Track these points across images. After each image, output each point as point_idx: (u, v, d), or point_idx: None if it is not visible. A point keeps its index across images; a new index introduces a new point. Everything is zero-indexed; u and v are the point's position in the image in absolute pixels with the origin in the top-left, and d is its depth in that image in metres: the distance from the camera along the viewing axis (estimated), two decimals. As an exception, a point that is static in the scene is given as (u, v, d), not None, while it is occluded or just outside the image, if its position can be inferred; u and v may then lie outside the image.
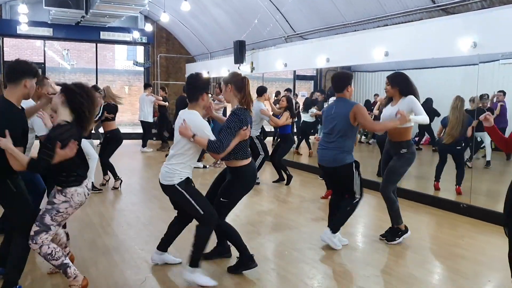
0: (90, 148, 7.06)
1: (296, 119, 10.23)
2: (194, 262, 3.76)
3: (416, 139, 11.42)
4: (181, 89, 12.56)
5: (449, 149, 7.16)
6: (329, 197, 6.40)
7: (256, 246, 4.80)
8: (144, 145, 12.66)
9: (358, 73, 14.79)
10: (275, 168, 8.45)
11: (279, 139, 8.86)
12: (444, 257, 4.65)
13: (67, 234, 4.21)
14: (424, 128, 10.82)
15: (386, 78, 4.94)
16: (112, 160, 7.68)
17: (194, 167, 3.99)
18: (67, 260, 3.49)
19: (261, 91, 8.04)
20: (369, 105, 11.73)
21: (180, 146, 3.76)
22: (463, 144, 7.22)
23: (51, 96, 3.90)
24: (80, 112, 3.40)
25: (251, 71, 12.36)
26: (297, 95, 13.71)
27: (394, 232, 4.95)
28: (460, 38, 6.37)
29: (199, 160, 9.58)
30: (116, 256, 4.48)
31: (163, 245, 4.21)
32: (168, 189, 3.80)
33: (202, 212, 3.73)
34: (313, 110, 11.07)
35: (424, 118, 4.68)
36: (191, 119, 3.72)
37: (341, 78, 4.71)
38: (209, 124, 4.40)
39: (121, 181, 7.69)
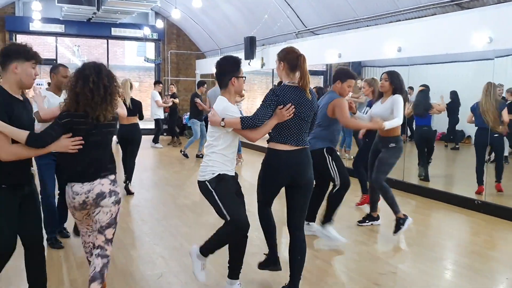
0: None
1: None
2: (204, 250, 3.43)
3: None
4: (191, 85, 12.58)
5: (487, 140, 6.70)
6: (365, 204, 6.28)
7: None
8: (156, 141, 12.75)
9: (368, 68, 14.71)
10: None
11: None
12: (460, 254, 4.64)
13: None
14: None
15: (385, 74, 5.07)
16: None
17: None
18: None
19: None
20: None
21: (209, 136, 3.43)
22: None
23: None
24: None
25: (261, 67, 12.36)
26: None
27: (396, 224, 4.96)
28: (475, 33, 6.31)
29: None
30: (132, 251, 4.52)
31: (233, 273, 3.57)
32: (200, 186, 3.40)
33: (228, 218, 3.28)
34: None
35: (396, 122, 4.86)
36: (216, 104, 3.39)
37: (336, 73, 4.93)
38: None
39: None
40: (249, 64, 12.43)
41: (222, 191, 3.31)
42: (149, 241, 4.82)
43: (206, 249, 3.42)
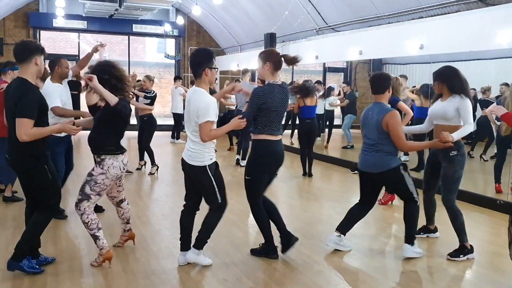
0: None
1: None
2: (200, 244, 3.92)
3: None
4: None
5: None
6: (389, 203, 6.33)
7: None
8: (177, 137, 12.85)
9: (389, 65, 14.59)
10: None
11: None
12: (481, 254, 4.57)
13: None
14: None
15: (432, 74, 4.55)
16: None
17: None
18: (99, 233, 3.86)
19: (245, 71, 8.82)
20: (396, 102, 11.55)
21: (196, 129, 3.71)
22: None
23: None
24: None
25: (282, 64, 12.33)
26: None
27: (459, 249, 4.40)
28: (499, 31, 6.20)
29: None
30: (152, 245, 4.58)
31: (185, 245, 4.04)
32: (197, 170, 3.76)
33: (219, 201, 3.84)
34: (331, 99, 11.49)
35: (467, 129, 4.25)
36: (197, 100, 3.67)
37: (380, 79, 4.37)
38: None
39: (158, 167, 8.06)
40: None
41: (218, 176, 3.84)
42: (169, 235, 4.88)
43: (201, 242, 3.92)
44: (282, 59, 4.01)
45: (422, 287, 3.86)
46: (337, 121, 12.71)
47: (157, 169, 8.08)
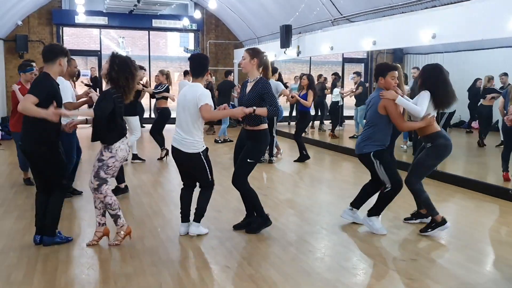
0: (138, 125, 8.31)
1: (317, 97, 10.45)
2: (199, 218, 4.62)
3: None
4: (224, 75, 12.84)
5: None
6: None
7: (292, 226, 4.96)
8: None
9: (410, 55, 14.39)
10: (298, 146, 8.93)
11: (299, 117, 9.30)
12: (486, 243, 4.60)
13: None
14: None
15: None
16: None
17: None
18: (120, 212, 4.32)
19: (273, 70, 8.81)
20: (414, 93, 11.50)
21: (189, 120, 4.42)
22: None
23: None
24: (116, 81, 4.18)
25: (297, 55, 12.36)
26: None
27: (429, 223, 4.75)
28: None
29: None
30: (162, 234, 4.76)
31: (186, 217, 4.71)
32: (194, 157, 4.45)
33: (210, 179, 4.56)
34: (337, 90, 11.81)
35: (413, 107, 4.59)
36: (196, 90, 4.43)
37: (375, 71, 4.85)
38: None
39: (167, 151, 8.74)
40: (285, 52, 12.47)
41: (208, 159, 4.57)
42: (178, 225, 5.04)
43: (200, 215, 4.62)
44: (265, 58, 4.82)
45: (416, 273, 3.93)
46: (349, 112, 12.84)
47: (166, 154, 8.85)
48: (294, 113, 14.25)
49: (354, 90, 11.41)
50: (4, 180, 6.81)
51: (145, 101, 13.21)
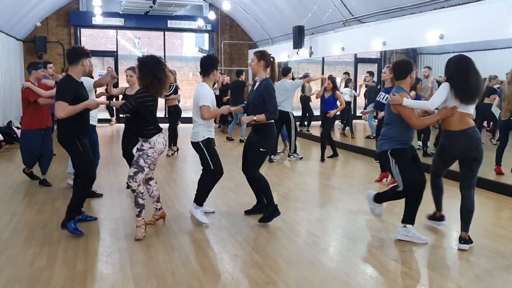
0: None
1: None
2: (198, 201, 5.06)
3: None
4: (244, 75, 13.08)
5: (509, 126, 7.08)
6: (383, 180, 7.08)
7: (299, 219, 5.18)
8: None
9: (424, 55, 14.46)
10: (330, 144, 9.25)
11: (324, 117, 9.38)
12: (485, 237, 4.74)
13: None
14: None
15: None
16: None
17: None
18: (145, 204, 4.60)
19: (286, 70, 9.34)
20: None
21: (195, 113, 4.98)
22: None
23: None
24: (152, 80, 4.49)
25: (310, 56, 12.55)
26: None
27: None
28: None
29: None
30: (174, 226, 5.01)
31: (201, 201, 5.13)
32: (195, 146, 5.01)
33: (212, 167, 4.98)
34: (346, 90, 11.93)
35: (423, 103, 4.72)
36: (200, 91, 4.92)
37: (394, 74, 4.72)
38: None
39: (178, 148, 9.65)
40: (297, 53, 12.67)
41: (209, 148, 4.99)
42: (191, 218, 5.29)
43: (199, 198, 5.07)
44: (272, 59, 5.11)
45: (419, 265, 4.10)
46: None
47: (177, 151, 9.59)
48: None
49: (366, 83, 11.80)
50: (25, 176, 7.14)
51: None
